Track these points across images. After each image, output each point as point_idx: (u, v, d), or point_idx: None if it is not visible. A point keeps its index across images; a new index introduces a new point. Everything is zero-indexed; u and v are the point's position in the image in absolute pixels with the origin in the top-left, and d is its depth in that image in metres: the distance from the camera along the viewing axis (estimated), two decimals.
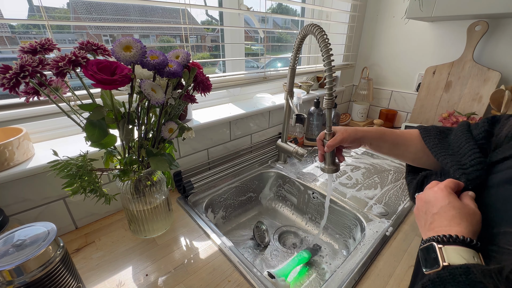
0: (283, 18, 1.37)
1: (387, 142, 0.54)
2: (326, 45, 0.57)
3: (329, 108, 0.58)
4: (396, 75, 1.36)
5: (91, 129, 0.46)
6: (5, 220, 0.48)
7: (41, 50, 0.41)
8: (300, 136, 1.12)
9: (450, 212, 0.33)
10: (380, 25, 1.34)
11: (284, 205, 0.96)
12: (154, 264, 0.56)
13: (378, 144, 0.55)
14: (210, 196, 0.80)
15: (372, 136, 0.54)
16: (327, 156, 0.58)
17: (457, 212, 0.33)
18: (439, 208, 0.35)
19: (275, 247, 0.79)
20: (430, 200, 0.37)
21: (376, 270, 0.55)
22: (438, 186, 0.38)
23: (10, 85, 0.37)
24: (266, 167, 0.98)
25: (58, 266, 0.38)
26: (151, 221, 0.61)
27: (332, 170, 0.59)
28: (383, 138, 0.54)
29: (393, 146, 0.54)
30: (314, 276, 0.69)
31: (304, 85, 1.24)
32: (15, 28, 0.67)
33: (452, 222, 0.32)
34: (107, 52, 0.47)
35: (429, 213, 0.36)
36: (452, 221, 0.32)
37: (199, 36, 1.06)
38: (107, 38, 0.82)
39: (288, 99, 0.88)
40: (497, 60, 1.03)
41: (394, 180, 0.90)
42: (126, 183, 0.56)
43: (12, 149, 0.54)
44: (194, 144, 0.85)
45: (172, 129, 0.54)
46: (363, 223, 0.69)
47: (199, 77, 0.53)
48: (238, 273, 0.54)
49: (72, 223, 0.65)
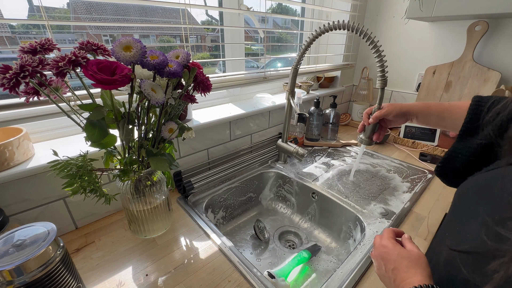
0: (283, 18, 1.37)
1: (433, 115, 0.54)
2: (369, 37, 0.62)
3: (382, 88, 0.61)
4: (396, 75, 1.36)
5: (91, 129, 0.46)
6: (5, 220, 0.48)
7: (41, 50, 0.41)
8: (300, 136, 1.12)
9: (403, 263, 0.37)
10: (380, 25, 1.34)
11: (284, 205, 0.96)
12: (154, 264, 0.56)
13: (424, 117, 0.55)
14: (210, 196, 0.80)
15: (418, 109, 0.55)
16: (369, 128, 0.62)
17: (408, 261, 0.37)
18: (393, 262, 0.38)
19: (275, 247, 0.79)
20: (383, 256, 0.40)
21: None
22: (382, 240, 0.42)
23: (10, 85, 0.37)
24: (266, 167, 0.98)
25: (58, 266, 0.38)
26: (151, 221, 0.61)
27: (367, 142, 0.64)
28: (429, 112, 0.54)
29: (440, 119, 0.54)
30: (314, 276, 0.69)
31: (304, 85, 1.24)
32: (15, 28, 0.67)
33: (409, 274, 0.35)
34: (107, 52, 0.47)
35: (389, 271, 0.39)
36: (408, 272, 0.35)
37: (199, 36, 1.06)
38: (107, 38, 0.82)
39: (290, 99, 0.88)
40: (497, 60, 1.03)
41: (394, 180, 0.90)
42: (126, 183, 0.56)
43: (12, 149, 0.54)
44: (194, 144, 0.85)
45: (172, 129, 0.54)
46: (363, 223, 0.69)
47: (199, 77, 0.53)
48: (238, 273, 0.54)
49: (72, 223, 0.65)
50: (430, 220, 0.70)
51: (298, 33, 1.44)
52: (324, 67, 1.29)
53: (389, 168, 0.98)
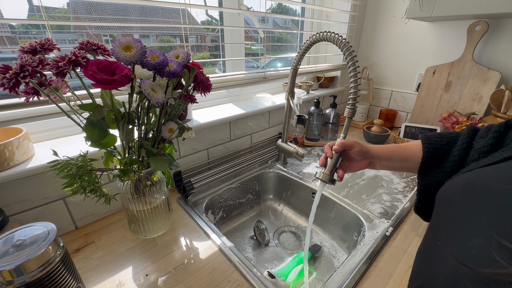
0: (283, 18, 1.37)
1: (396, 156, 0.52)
2: (350, 52, 0.59)
3: (349, 117, 0.59)
4: (396, 75, 1.36)
5: (91, 129, 0.46)
6: (5, 220, 0.48)
7: (41, 50, 0.41)
8: (300, 136, 1.12)
9: None
10: (380, 25, 1.34)
11: (284, 205, 0.96)
12: (154, 264, 0.56)
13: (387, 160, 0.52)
14: (210, 196, 0.80)
15: (379, 151, 0.52)
16: (331, 161, 0.53)
17: None
18: None
19: (275, 247, 0.79)
20: None
21: (376, 270, 0.55)
22: None
23: (10, 85, 0.37)
24: (266, 167, 0.98)
25: (58, 266, 0.38)
26: (151, 221, 0.61)
27: (328, 178, 0.52)
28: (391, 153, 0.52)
29: (403, 159, 0.51)
30: (314, 276, 0.69)
31: (304, 85, 1.24)
32: (15, 28, 0.67)
33: None
34: (107, 52, 0.47)
35: None
36: None
37: (199, 36, 1.06)
38: (107, 38, 0.82)
39: (289, 99, 0.88)
40: (497, 60, 1.03)
41: (394, 180, 0.90)
42: (126, 183, 0.56)
43: (12, 149, 0.54)
44: (194, 144, 0.85)
45: (172, 129, 0.54)
46: (363, 223, 0.69)
47: (199, 77, 0.53)
48: (238, 273, 0.54)
49: (72, 223, 0.65)
50: None
51: (298, 33, 1.44)
52: (324, 67, 1.29)
53: None
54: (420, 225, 0.68)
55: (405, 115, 1.36)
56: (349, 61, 0.58)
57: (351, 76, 0.58)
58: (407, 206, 0.75)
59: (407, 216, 0.71)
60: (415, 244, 0.62)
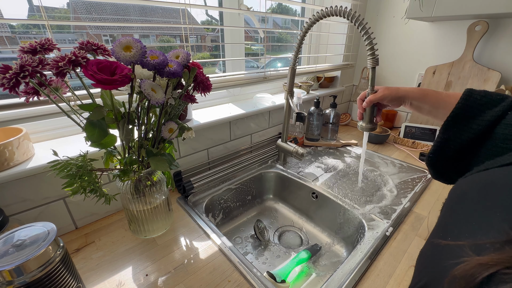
0: (283, 18, 1.37)
1: (428, 103, 0.52)
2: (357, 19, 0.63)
3: (373, 68, 0.59)
4: (396, 75, 1.36)
5: (91, 129, 0.46)
6: (5, 220, 0.48)
7: (41, 50, 0.41)
8: (300, 136, 1.12)
9: None
10: (380, 25, 1.34)
11: (284, 205, 0.96)
12: (154, 264, 0.56)
13: (418, 105, 0.53)
14: (210, 196, 0.80)
15: (414, 96, 0.53)
16: (366, 113, 0.59)
17: None
18: None
19: (275, 247, 0.79)
20: None
21: (376, 270, 0.55)
22: None
23: (10, 85, 0.37)
24: (266, 167, 0.98)
25: (58, 266, 0.38)
26: (151, 221, 0.61)
27: (369, 128, 0.59)
28: (424, 100, 0.52)
29: (433, 109, 0.52)
30: (314, 276, 0.69)
31: (304, 85, 1.25)
32: (15, 28, 0.67)
33: None
34: (107, 52, 0.47)
35: None
36: None
37: (199, 36, 1.06)
38: (107, 38, 0.82)
39: (288, 99, 0.88)
40: (497, 60, 1.03)
41: (394, 180, 0.90)
42: (126, 183, 0.56)
43: (12, 149, 0.54)
44: (194, 144, 0.85)
45: (172, 129, 0.54)
46: (363, 223, 0.69)
47: (199, 77, 0.53)
48: (238, 273, 0.54)
49: (72, 223, 0.65)
50: (430, 220, 0.70)
51: (298, 33, 1.43)
52: (324, 67, 1.29)
53: (389, 168, 0.97)
54: (420, 225, 0.68)
55: (405, 115, 1.36)
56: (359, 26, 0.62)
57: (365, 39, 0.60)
58: (407, 206, 0.75)
59: (407, 216, 0.71)
60: (415, 244, 0.62)
